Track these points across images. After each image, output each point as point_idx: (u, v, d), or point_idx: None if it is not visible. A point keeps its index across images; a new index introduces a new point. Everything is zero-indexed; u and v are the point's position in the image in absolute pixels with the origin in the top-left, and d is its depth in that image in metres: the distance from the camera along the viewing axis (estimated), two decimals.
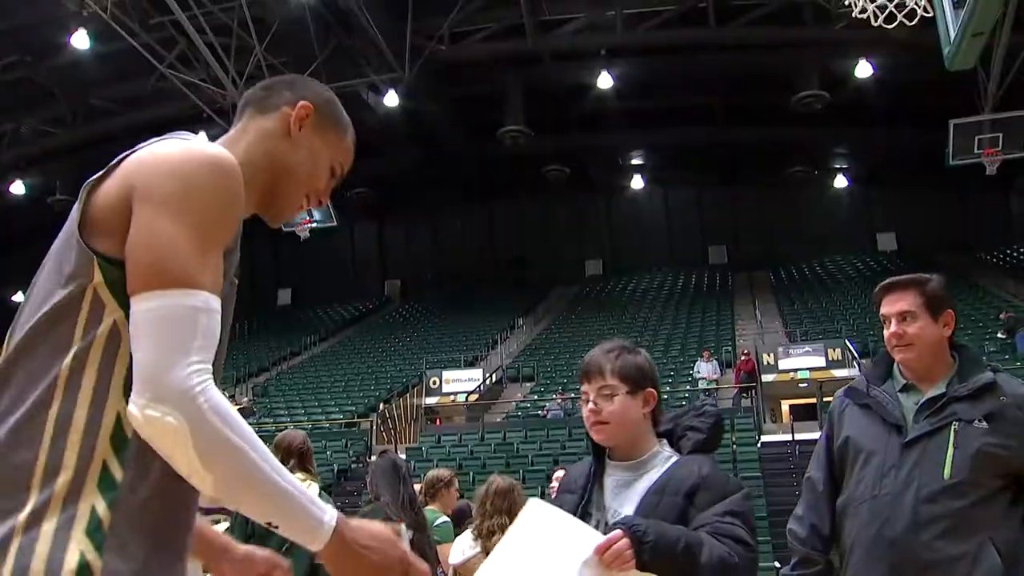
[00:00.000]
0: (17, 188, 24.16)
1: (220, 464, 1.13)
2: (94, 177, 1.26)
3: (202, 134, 1.42)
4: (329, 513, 1.20)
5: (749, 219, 30.06)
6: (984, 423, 2.41)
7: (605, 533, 1.89)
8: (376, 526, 1.28)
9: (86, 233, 1.19)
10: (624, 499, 2.06)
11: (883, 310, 2.67)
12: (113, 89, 20.76)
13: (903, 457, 2.44)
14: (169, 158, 1.22)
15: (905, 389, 2.60)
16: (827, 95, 20.27)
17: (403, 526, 1.35)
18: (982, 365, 2.58)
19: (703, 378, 18.85)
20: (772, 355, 19.31)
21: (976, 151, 17.10)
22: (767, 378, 18.75)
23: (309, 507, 1.18)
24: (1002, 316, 19.92)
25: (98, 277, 1.18)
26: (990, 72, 16.60)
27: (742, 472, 13.13)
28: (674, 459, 2.08)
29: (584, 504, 2.09)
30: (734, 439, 14.93)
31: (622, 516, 1.98)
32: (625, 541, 1.73)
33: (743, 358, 19.10)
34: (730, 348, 21.16)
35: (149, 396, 1.11)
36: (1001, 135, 16.91)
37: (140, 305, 1.14)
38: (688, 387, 18.50)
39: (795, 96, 20.46)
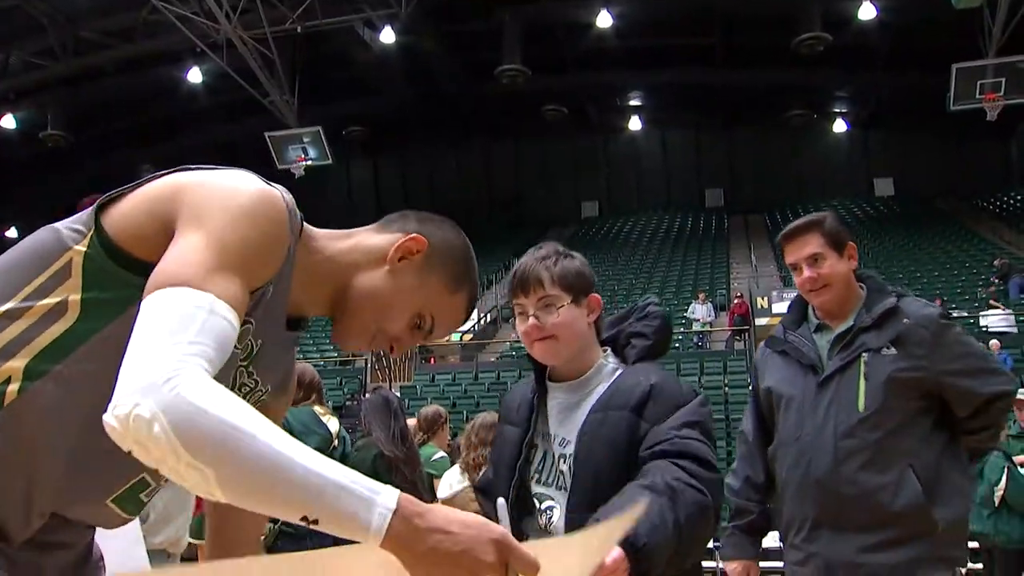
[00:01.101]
0: (8, 122, 23.85)
1: (210, 451, 0.92)
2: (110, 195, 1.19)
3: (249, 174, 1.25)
4: (384, 494, 0.96)
5: (747, 162, 29.90)
6: (892, 349, 2.43)
7: (551, 464, 1.84)
8: (460, 512, 1.01)
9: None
10: (570, 424, 1.86)
11: (790, 258, 2.65)
12: (104, 21, 20.34)
13: (819, 396, 2.49)
14: (219, 182, 1.15)
15: (819, 329, 2.63)
16: (829, 37, 19.95)
17: (502, 500, 1.24)
18: (887, 292, 2.57)
19: (697, 320, 18.95)
20: (766, 298, 19.36)
21: (978, 96, 16.96)
22: (760, 321, 18.82)
23: (352, 488, 0.95)
24: (996, 263, 19.97)
25: (85, 247, 1.13)
26: (995, 16, 16.37)
27: (734, 415, 13.27)
28: (620, 371, 1.90)
29: (530, 437, 1.91)
30: (726, 382, 15.07)
31: (568, 443, 1.82)
32: (619, 555, 1.43)
33: (736, 301, 19.17)
34: (724, 291, 21.23)
35: (121, 392, 0.94)
36: (1004, 80, 16.75)
37: (142, 304, 1.03)
38: (683, 329, 18.60)
39: (797, 38, 20.14)
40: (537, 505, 1.85)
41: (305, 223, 1.31)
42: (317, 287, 1.31)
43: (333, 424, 4.23)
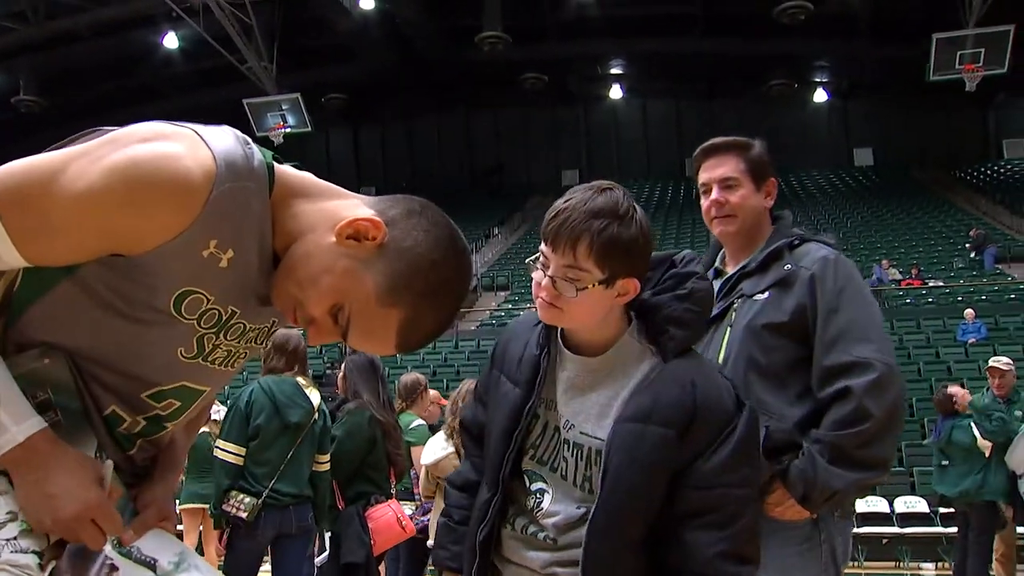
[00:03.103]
0: None
1: None
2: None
3: (225, 129, 1.19)
4: (22, 428, 1.09)
5: (727, 132, 28.74)
6: (765, 294, 2.15)
7: (551, 442, 1.66)
8: (83, 459, 1.15)
9: None
10: (581, 408, 1.63)
11: (702, 176, 2.33)
12: None
13: (701, 346, 2.13)
14: (132, 149, 1.08)
15: (718, 275, 2.34)
16: (811, 6, 19.90)
17: (111, 463, 1.19)
18: (788, 234, 2.27)
19: None
20: None
21: (957, 67, 17.00)
22: None
23: None
24: (971, 233, 20.15)
25: None
26: None
27: None
28: (649, 363, 1.61)
29: (531, 405, 1.66)
30: None
31: (572, 428, 1.63)
32: None
33: None
34: None
35: None
36: (983, 51, 16.79)
37: None
38: None
39: (779, 6, 20.09)
40: (527, 484, 1.69)
41: (293, 180, 1.23)
42: (279, 235, 1.21)
43: (315, 397, 4.21)
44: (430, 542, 4.73)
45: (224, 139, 1.15)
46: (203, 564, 1.30)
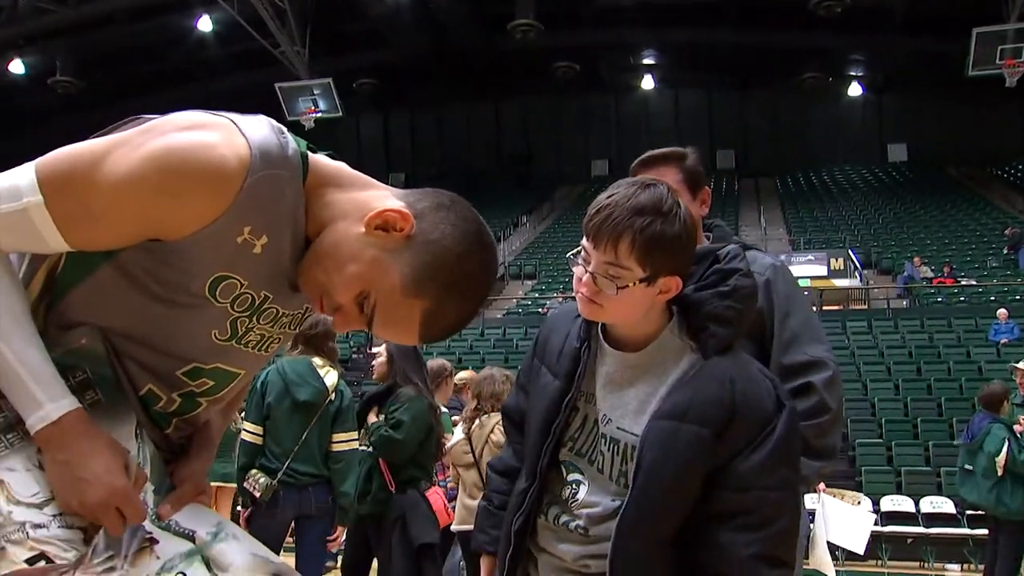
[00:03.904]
0: (16, 67, 23.73)
1: None
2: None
3: (261, 118, 1.21)
4: (57, 406, 1.12)
5: (759, 124, 29.62)
6: None
7: (590, 434, 1.65)
8: (113, 444, 1.16)
9: None
10: (619, 402, 1.61)
11: None
12: None
13: None
14: (171, 136, 1.11)
15: None
16: None
17: (134, 451, 1.21)
18: (731, 242, 2.23)
19: None
20: None
21: (998, 62, 16.74)
22: None
23: (31, 389, 1.12)
24: (1007, 232, 19.85)
25: None
26: None
27: None
28: (689, 359, 1.59)
29: (571, 397, 1.66)
30: None
31: (610, 422, 1.62)
32: None
33: None
34: None
35: None
36: None
37: None
38: None
39: None
40: (564, 474, 1.69)
41: (326, 170, 1.25)
42: (312, 221, 1.23)
43: (331, 377, 4.23)
44: (455, 527, 4.76)
45: (260, 128, 1.17)
46: (241, 533, 1.33)
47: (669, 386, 1.57)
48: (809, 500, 7.15)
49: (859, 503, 6.72)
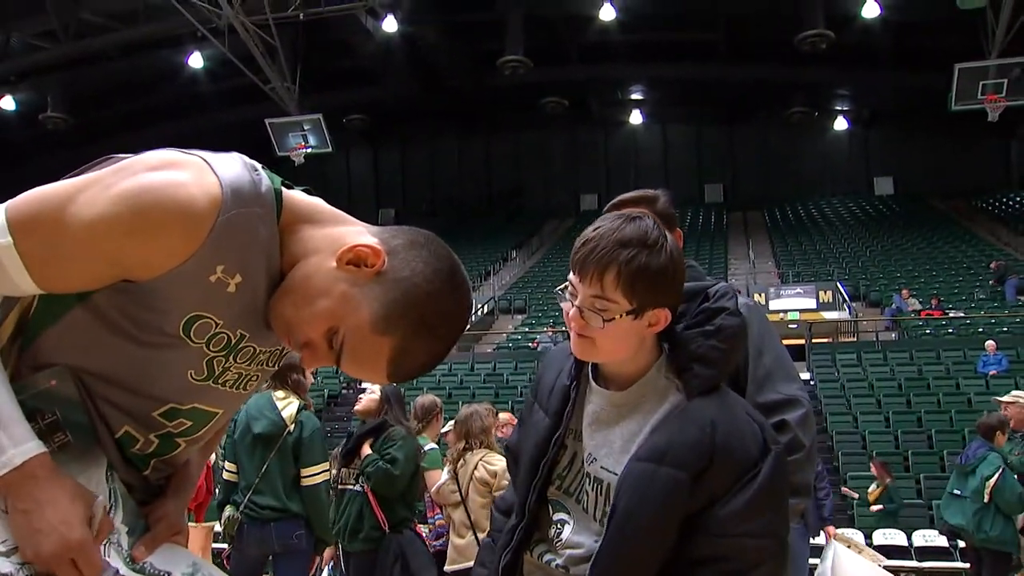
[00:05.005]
0: (7, 103, 23.80)
1: None
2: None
3: (234, 156, 1.19)
4: (20, 451, 1.09)
5: (747, 159, 29.89)
6: None
7: (577, 472, 1.63)
8: (77, 494, 1.13)
9: None
10: (604, 441, 1.58)
11: None
12: (106, 4, 20.28)
13: None
14: (143, 177, 1.10)
15: None
16: (832, 35, 19.93)
17: (102, 500, 1.18)
18: (705, 281, 2.32)
19: None
20: (763, 295, 19.38)
21: (979, 96, 16.98)
22: None
23: None
24: (992, 266, 19.99)
25: None
26: (999, 16, 16.36)
27: None
28: (673, 399, 1.55)
29: (560, 435, 1.64)
30: None
31: (595, 462, 1.58)
32: None
33: None
34: None
35: None
36: (1006, 81, 16.80)
37: None
38: None
39: (800, 34, 20.14)
40: (550, 512, 1.67)
41: (301, 206, 1.24)
42: (286, 255, 1.22)
43: (290, 409, 4.21)
44: (447, 567, 4.71)
45: (232, 166, 1.16)
46: (217, 572, 1.31)
47: (651, 426, 1.53)
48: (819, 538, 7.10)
49: (880, 565, 6.61)
